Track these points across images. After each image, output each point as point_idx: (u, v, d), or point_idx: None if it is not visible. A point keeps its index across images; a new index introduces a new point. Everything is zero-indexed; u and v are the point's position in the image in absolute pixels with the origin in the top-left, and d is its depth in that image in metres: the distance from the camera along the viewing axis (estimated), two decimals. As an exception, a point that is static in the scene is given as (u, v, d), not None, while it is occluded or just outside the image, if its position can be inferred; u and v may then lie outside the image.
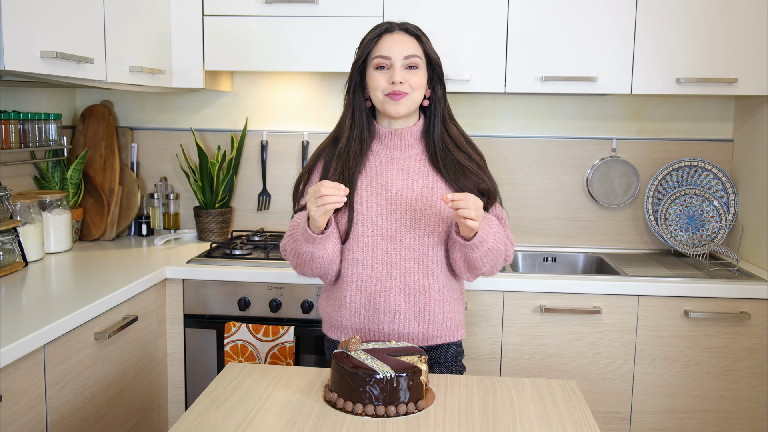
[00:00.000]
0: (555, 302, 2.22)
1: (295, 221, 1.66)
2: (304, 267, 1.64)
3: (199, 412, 1.35)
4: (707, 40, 2.33)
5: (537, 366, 2.25)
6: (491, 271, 1.65)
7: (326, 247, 1.59)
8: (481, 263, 1.60)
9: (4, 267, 2.06)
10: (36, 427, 1.58)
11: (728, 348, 2.21)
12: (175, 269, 2.25)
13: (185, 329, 2.28)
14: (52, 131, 2.45)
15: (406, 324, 1.63)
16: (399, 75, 1.60)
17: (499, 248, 1.61)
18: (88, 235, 2.65)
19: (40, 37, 1.76)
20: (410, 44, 1.64)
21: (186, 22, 2.43)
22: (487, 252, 1.58)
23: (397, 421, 1.31)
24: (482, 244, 1.56)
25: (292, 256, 1.64)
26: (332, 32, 2.38)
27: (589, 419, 1.35)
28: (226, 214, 2.74)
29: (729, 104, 2.69)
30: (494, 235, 1.59)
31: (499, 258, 1.63)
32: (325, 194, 1.46)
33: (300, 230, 1.58)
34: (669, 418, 2.25)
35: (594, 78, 2.36)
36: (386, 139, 1.68)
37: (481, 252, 1.57)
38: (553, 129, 2.75)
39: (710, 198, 2.62)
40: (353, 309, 1.65)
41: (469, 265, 1.62)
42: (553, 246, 2.77)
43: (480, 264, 1.60)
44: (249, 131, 2.81)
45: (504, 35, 2.38)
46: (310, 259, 1.60)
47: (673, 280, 2.22)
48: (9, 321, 1.60)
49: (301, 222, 1.59)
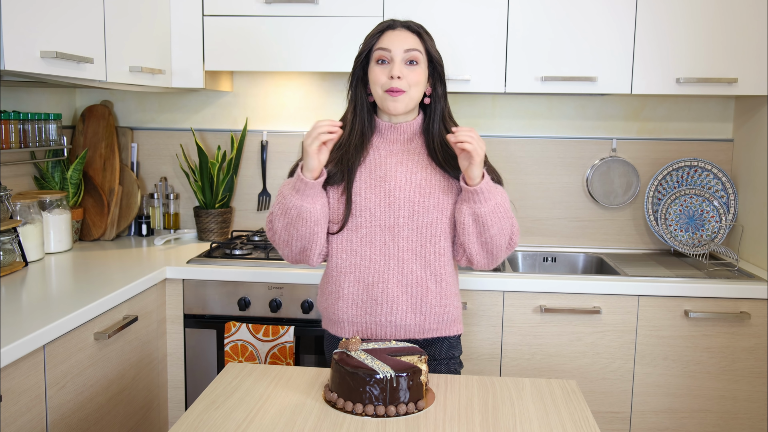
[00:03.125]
0: (555, 302, 2.22)
1: (283, 185, 1.64)
2: (290, 230, 1.60)
3: (199, 412, 1.35)
4: (707, 40, 2.33)
5: (537, 366, 2.25)
6: (499, 240, 1.61)
7: (315, 202, 1.57)
8: (491, 222, 1.57)
9: (4, 267, 2.06)
10: (36, 427, 1.58)
11: (728, 348, 2.21)
12: (175, 269, 2.25)
13: (185, 329, 2.28)
14: (52, 131, 2.45)
15: (404, 315, 1.64)
16: (398, 69, 1.61)
17: (507, 211, 1.60)
18: (88, 235, 2.66)
19: (40, 37, 1.76)
20: (411, 39, 1.65)
21: (186, 22, 2.43)
22: (495, 208, 1.57)
23: (397, 421, 1.31)
24: (490, 194, 1.56)
25: (280, 217, 1.60)
26: (332, 32, 2.38)
27: (589, 419, 1.35)
28: (226, 214, 2.74)
29: (729, 104, 2.69)
30: (501, 194, 1.60)
31: (506, 227, 1.60)
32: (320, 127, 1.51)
33: (291, 182, 1.59)
34: (669, 418, 2.25)
35: (594, 78, 2.36)
36: (386, 133, 1.70)
37: (489, 206, 1.56)
38: (553, 129, 2.75)
39: (710, 198, 2.62)
40: (351, 300, 1.65)
41: (478, 226, 1.58)
42: (553, 246, 2.77)
43: (489, 223, 1.57)
44: (249, 131, 2.81)
45: (504, 35, 2.38)
46: (297, 215, 1.57)
47: (673, 280, 2.22)
48: (9, 321, 1.61)
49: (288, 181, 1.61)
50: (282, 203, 1.60)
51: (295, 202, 1.57)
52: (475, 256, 1.65)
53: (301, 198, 1.57)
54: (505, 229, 1.61)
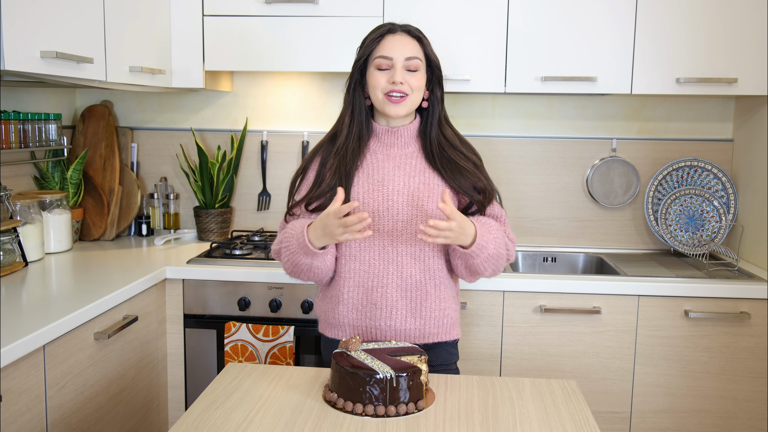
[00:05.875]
0: (555, 302, 2.22)
1: (288, 232, 1.64)
2: (300, 275, 1.65)
3: (199, 412, 1.35)
4: (707, 40, 2.33)
5: (537, 366, 2.25)
6: (493, 273, 1.67)
7: (326, 260, 1.61)
8: (483, 268, 1.62)
9: (4, 267, 2.06)
10: (36, 427, 1.58)
11: (728, 348, 2.21)
12: (175, 269, 2.25)
13: (185, 329, 2.28)
14: (52, 131, 2.45)
15: (403, 320, 1.64)
16: (399, 75, 1.61)
17: (500, 252, 1.62)
18: (88, 235, 2.66)
19: (40, 37, 1.76)
20: (412, 46, 1.64)
21: (186, 22, 2.43)
22: (487, 258, 1.59)
23: (397, 421, 1.31)
24: (482, 250, 1.57)
25: (289, 265, 1.64)
26: (332, 32, 2.38)
27: (589, 419, 1.35)
28: (226, 214, 2.74)
29: (729, 104, 2.69)
30: (494, 240, 1.59)
31: (501, 261, 1.64)
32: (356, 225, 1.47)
33: (297, 243, 1.58)
34: (669, 418, 2.25)
35: (594, 78, 2.36)
36: (383, 137, 1.69)
37: (481, 258, 1.59)
38: (553, 129, 2.75)
39: (710, 198, 2.62)
40: (350, 305, 1.65)
41: (470, 271, 1.64)
42: (553, 246, 2.77)
43: (482, 269, 1.62)
44: (249, 131, 2.81)
45: (504, 35, 2.38)
46: (308, 269, 1.62)
47: (673, 280, 2.22)
48: (9, 321, 1.60)
49: (296, 233, 1.59)
50: (291, 259, 1.61)
51: (305, 261, 1.60)
52: (467, 280, 1.70)
53: (311, 258, 1.59)
54: (500, 266, 1.66)
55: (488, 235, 1.58)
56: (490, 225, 1.62)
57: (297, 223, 1.63)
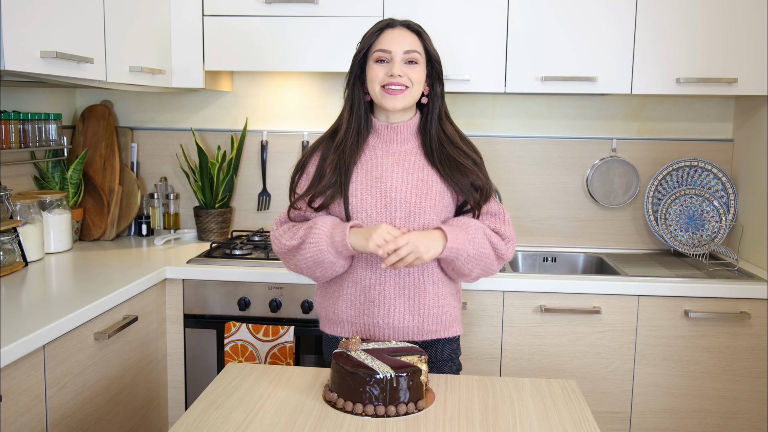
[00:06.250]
0: (555, 302, 2.22)
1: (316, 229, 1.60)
2: (314, 270, 1.63)
3: (199, 412, 1.35)
4: (707, 40, 2.33)
5: (537, 366, 2.25)
6: (485, 273, 1.66)
7: (349, 257, 1.62)
8: (468, 270, 1.62)
9: (4, 267, 2.06)
10: (36, 427, 1.58)
11: (728, 348, 2.21)
12: (175, 269, 2.25)
13: (185, 329, 2.28)
14: (52, 131, 2.45)
15: (401, 317, 1.63)
16: (398, 68, 1.61)
17: (484, 252, 1.61)
18: (88, 235, 2.66)
19: (40, 37, 1.76)
20: (411, 39, 1.64)
21: (186, 22, 2.43)
22: (468, 259, 1.59)
23: (397, 421, 1.31)
24: (458, 254, 1.57)
25: (308, 261, 1.61)
26: (332, 32, 2.38)
27: (589, 419, 1.35)
28: (226, 214, 2.74)
29: (729, 104, 2.69)
30: (472, 241, 1.59)
31: (489, 261, 1.63)
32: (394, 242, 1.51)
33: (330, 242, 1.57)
34: (669, 418, 2.25)
35: (594, 78, 2.36)
36: (382, 133, 1.69)
37: (461, 260, 1.59)
38: (553, 129, 2.75)
39: (710, 198, 2.62)
40: (349, 302, 1.65)
41: (458, 273, 1.65)
42: (553, 246, 2.77)
43: (467, 270, 1.62)
44: (249, 131, 2.81)
45: (504, 35, 2.38)
46: (331, 266, 1.61)
47: (673, 280, 2.22)
48: (9, 321, 1.60)
49: (327, 231, 1.58)
50: (317, 256, 1.60)
51: (331, 258, 1.59)
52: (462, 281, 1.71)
53: (337, 256, 1.59)
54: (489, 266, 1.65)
55: (465, 236, 1.58)
56: (468, 225, 1.61)
57: (323, 221, 1.61)
